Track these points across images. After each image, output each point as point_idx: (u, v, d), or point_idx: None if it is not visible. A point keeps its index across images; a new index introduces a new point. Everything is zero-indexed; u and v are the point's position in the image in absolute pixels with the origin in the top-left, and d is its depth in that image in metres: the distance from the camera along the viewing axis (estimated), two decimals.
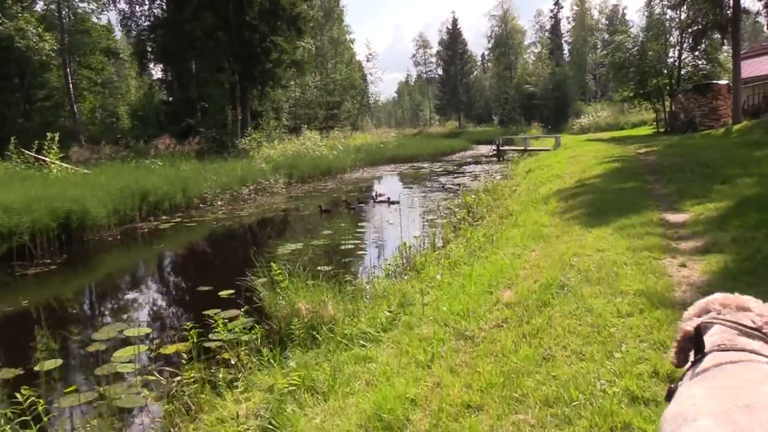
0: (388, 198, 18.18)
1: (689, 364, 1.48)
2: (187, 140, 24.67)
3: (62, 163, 17.76)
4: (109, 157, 22.49)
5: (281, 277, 6.34)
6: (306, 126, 47.97)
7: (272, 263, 6.86)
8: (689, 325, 1.54)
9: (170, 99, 33.90)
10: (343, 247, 11.54)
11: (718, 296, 1.58)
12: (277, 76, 30.95)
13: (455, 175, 27.49)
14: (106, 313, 8.86)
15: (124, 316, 8.17)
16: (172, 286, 10.81)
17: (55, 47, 23.28)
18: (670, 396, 1.45)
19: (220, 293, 8.12)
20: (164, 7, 32.07)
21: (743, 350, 1.36)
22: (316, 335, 5.52)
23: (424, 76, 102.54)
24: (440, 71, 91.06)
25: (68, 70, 30.94)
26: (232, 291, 7.94)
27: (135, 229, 14.96)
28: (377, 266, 8.91)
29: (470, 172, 28.14)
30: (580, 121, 52.86)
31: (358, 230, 13.89)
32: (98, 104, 47.91)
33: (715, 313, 1.52)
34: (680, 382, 1.45)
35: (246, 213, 17.50)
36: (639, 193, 10.68)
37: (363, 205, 17.89)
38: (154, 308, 8.85)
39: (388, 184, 25.92)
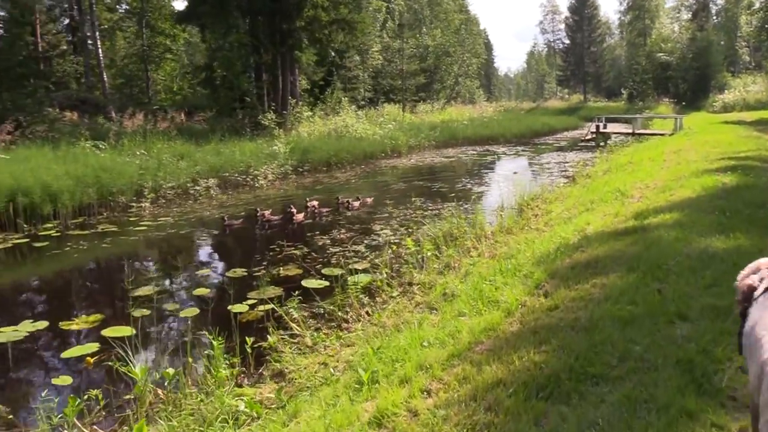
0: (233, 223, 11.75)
1: (761, 290, 2.12)
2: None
3: None
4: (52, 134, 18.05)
5: None
6: (383, 99, 42.50)
7: None
8: (750, 280, 2.20)
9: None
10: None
11: (766, 259, 2.26)
12: (317, 38, 25.38)
13: (516, 169, 20.69)
14: None
15: None
16: None
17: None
18: (743, 314, 2.18)
19: None
20: None
21: None
22: None
23: (552, 45, 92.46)
24: (566, 39, 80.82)
25: (96, 34, 27.29)
26: None
27: None
28: None
29: (543, 164, 21.12)
30: (723, 96, 42.12)
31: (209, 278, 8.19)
32: (175, 73, 45.57)
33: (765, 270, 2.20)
34: (754, 303, 2.13)
35: (159, 223, 12.33)
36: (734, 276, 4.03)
37: (277, 220, 12.15)
38: None
39: (399, 183, 19.54)
